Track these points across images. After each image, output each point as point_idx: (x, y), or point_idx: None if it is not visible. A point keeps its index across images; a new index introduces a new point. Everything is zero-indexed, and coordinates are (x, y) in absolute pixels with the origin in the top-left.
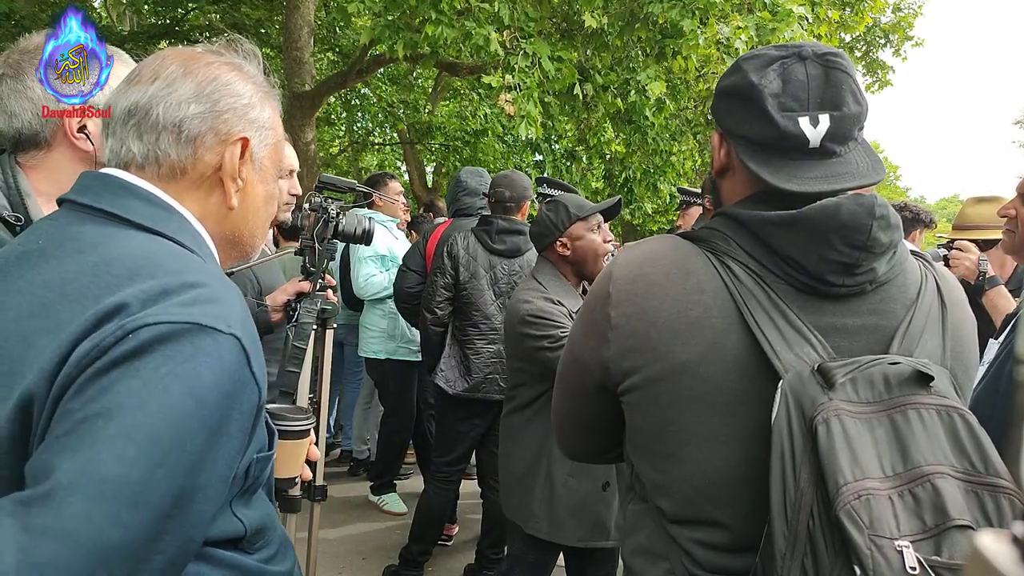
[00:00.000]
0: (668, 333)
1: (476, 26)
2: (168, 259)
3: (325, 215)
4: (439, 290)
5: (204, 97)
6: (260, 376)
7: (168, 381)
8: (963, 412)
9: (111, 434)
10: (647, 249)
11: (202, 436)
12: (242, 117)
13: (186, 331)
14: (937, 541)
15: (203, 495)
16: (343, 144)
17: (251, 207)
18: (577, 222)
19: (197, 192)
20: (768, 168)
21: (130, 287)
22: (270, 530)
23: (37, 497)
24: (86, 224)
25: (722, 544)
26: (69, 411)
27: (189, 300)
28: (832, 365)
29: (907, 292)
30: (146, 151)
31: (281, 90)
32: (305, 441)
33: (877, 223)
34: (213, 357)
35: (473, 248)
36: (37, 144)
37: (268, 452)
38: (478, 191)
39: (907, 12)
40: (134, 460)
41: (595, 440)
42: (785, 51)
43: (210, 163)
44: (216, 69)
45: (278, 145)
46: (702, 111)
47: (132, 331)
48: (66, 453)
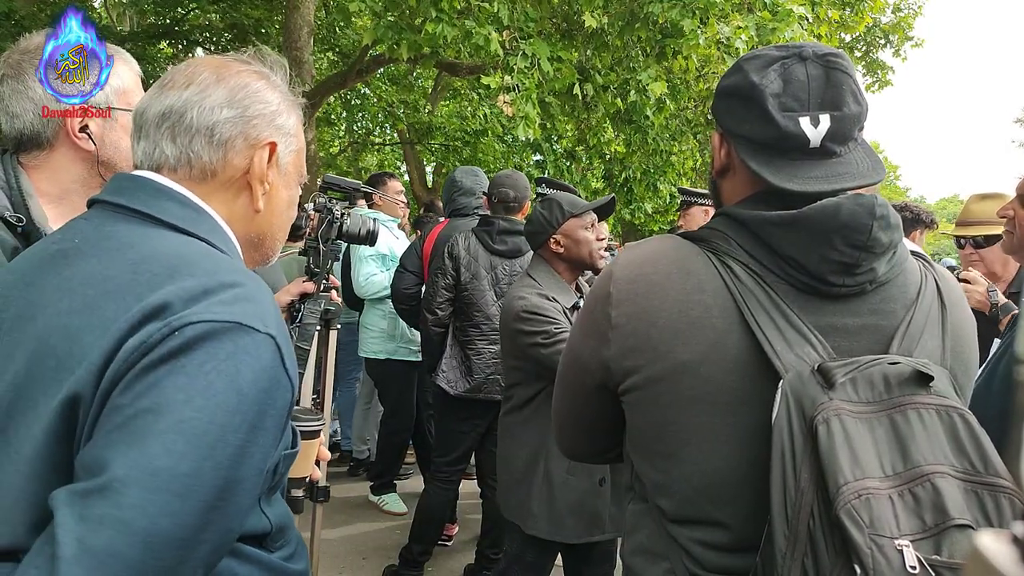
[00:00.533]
0: (669, 333)
1: (476, 26)
2: (204, 259)
3: (329, 216)
4: (440, 291)
5: (236, 103)
6: (293, 375)
7: (212, 377)
8: (963, 412)
9: (161, 429)
10: (648, 249)
11: (243, 430)
12: (270, 123)
13: (228, 329)
14: (937, 540)
15: (242, 488)
16: (343, 144)
17: (275, 210)
18: (570, 219)
19: (226, 194)
20: (769, 168)
21: (171, 284)
22: (289, 529)
23: (93, 489)
24: (120, 223)
25: (722, 544)
26: (119, 406)
27: (229, 299)
28: (832, 365)
29: (907, 292)
30: (179, 153)
31: None
32: (316, 441)
33: (877, 223)
34: (252, 355)
35: (474, 248)
36: (39, 144)
37: (293, 450)
38: (474, 191)
39: (907, 12)
40: (183, 453)
41: (595, 440)
42: (786, 51)
43: (239, 166)
44: (247, 77)
45: (300, 152)
46: (702, 111)
47: (177, 328)
48: (119, 447)
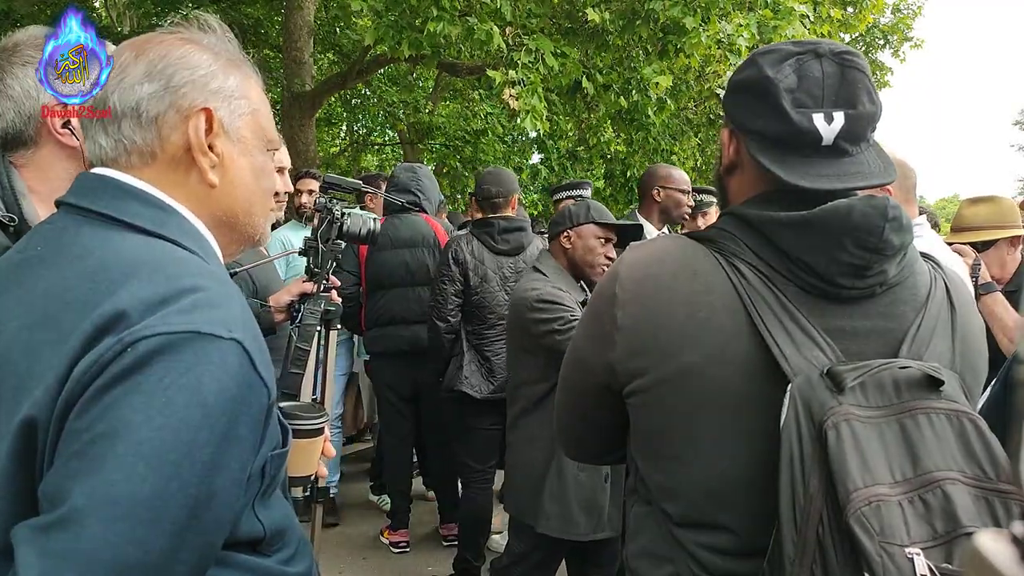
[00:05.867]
0: (676, 335)
1: (478, 22)
2: (166, 262)
3: (330, 216)
4: (450, 298)
5: (156, 75)
6: (267, 376)
7: (171, 393)
8: (973, 417)
9: (119, 453)
10: (654, 249)
11: (212, 444)
12: (202, 88)
13: (186, 340)
14: (948, 548)
15: (218, 500)
16: (343, 144)
17: (237, 182)
18: (591, 224)
19: (174, 175)
20: (780, 165)
21: (124, 291)
22: (289, 531)
23: (54, 522)
24: (83, 227)
25: (728, 548)
26: (76, 431)
27: (188, 306)
28: (842, 369)
29: (917, 295)
30: (114, 143)
31: (281, 90)
32: (319, 439)
33: (889, 225)
34: (215, 364)
35: (479, 252)
36: (24, 143)
37: (283, 449)
38: (407, 187)
39: (906, 13)
40: (144, 476)
41: (599, 442)
42: (802, 47)
43: (178, 142)
44: (167, 46)
45: (256, 114)
46: (703, 111)
47: (131, 344)
48: (78, 476)
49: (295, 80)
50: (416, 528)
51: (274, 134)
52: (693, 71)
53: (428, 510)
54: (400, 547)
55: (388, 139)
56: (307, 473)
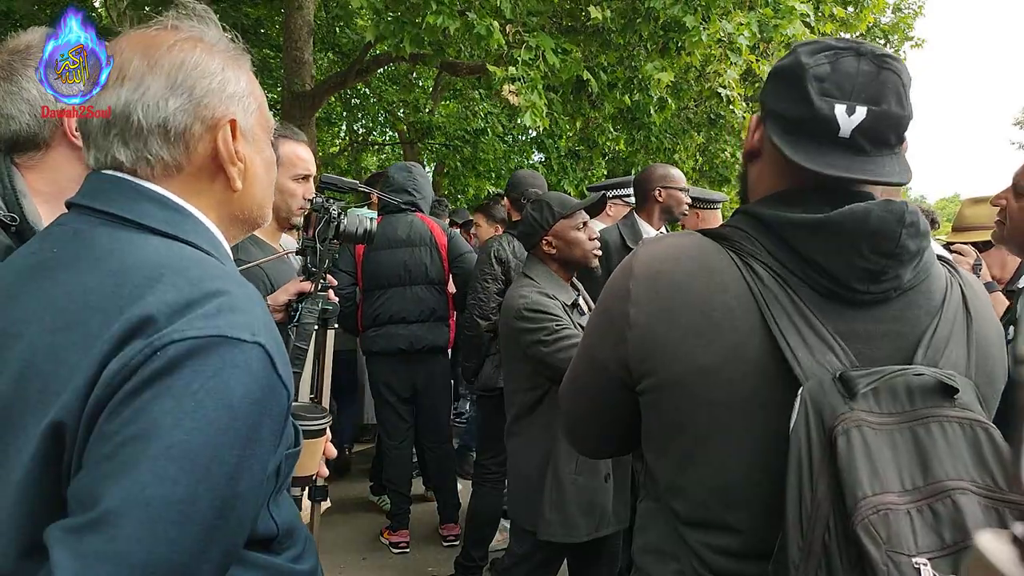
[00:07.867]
0: (690, 334)
1: (477, 18)
2: (188, 265)
3: (327, 215)
4: (493, 296)
5: (178, 87)
6: (287, 378)
7: (200, 396)
8: (987, 426)
9: (151, 455)
10: (669, 245)
11: (238, 446)
12: (221, 95)
13: (213, 344)
14: (956, 559)
15: (242, 501)
16: (343, 144)
17: (254, 181)
18: (561, 220)
19: (198, 184)
20: (792, 147)
21: (151, 295)
22: (297, 529)
23: (87, 524)
24: (98, 229)
25: (733, 549)
26: (107, 434)
27: (213, 311)
28: (855, 374)
29: (932, 299)
30: (135, 156)
31: (281, 90)
32: (322, 439)
33: (907, 230)
34: (241, 368)
35: (519, 251)
36: (36, 145)
37: (296, 448)
38: (403, 187)
39: (907, 12)
40: (176, 479)
41: (612, 436)
42: (844, 44)
43: (204, 153)
44: (179, 52)
45: (261, 107)
46: (704, 110)
47: (160, 348)
48: (110, 478)
49: (295, 80)
50: (416, 528)
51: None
52: (694, 70)
53: (428, 510)
54: (400, 547)
55: (388, 139)
56: (310, 473)
